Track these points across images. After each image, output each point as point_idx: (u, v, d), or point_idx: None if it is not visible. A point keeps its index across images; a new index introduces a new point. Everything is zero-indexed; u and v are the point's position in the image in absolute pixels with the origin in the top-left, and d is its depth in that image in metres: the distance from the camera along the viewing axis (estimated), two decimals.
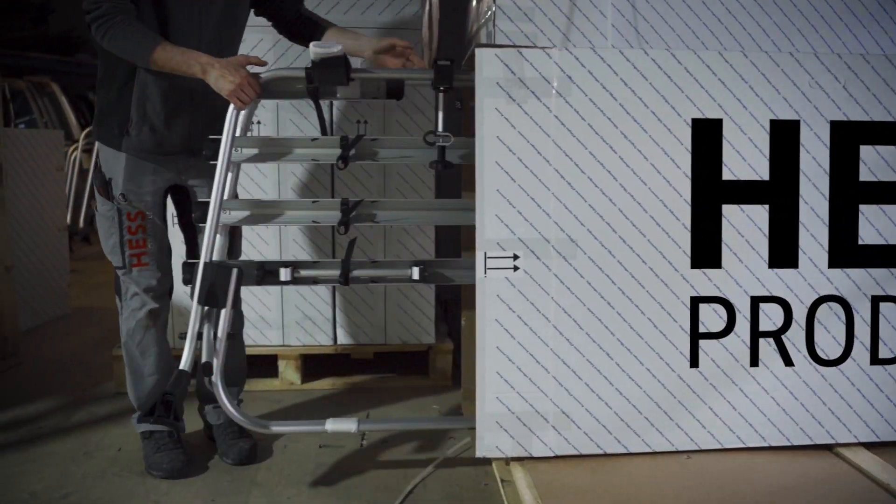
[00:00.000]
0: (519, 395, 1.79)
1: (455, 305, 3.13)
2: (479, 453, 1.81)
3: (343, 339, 2.69)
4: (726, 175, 1.77)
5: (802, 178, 1.79)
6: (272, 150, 1.92)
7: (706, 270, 1.78)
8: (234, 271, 1.79)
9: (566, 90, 1.74)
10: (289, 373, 2.66)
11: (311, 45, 1.77)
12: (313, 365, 2.73)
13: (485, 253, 1.75)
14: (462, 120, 2.19)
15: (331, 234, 2.66)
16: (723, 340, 1.80)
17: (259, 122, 2.59)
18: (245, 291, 2.61)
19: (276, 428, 1.97)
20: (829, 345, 1.83)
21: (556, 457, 1.80)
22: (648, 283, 1.78)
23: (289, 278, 1.84)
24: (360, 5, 2.60)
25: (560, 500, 1.63)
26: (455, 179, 2.87)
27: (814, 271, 1.81)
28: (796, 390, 1.83)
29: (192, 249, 2.12)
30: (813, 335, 1.81)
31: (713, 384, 1.81)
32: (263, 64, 1.86)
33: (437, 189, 2.71)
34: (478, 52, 1.71)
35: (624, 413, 1.81)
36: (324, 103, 2.63)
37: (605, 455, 1.81)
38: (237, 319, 2.18)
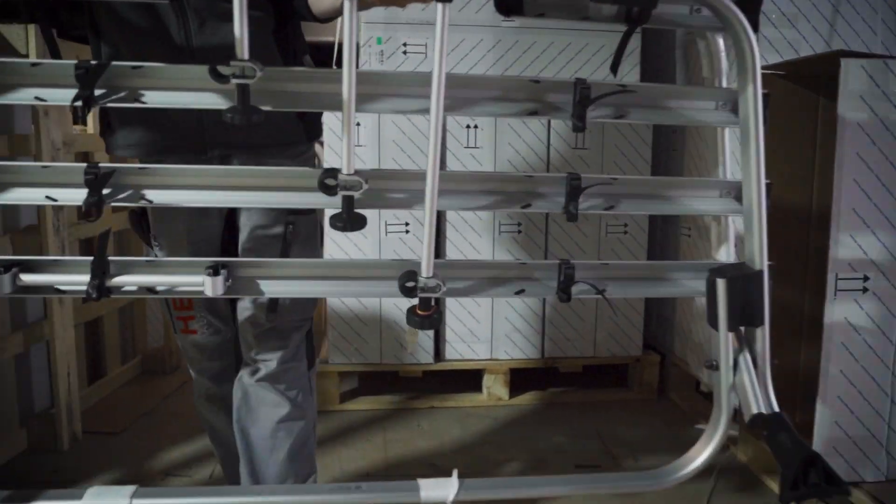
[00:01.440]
0: (857, 419, 1.74)
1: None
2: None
3: (551, 351, 2.57)
4: None
5: None
6: None
7: None
8: None
9: None
10: (497, 387, 2.51)
11: None
12: (518, 378, 2.60)
13: (836, 275, 1.69)
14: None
15: (543, 240, 2.53)
16: None
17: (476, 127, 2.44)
18: (455, 305, 2.48)
19: None
20: None
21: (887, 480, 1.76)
22: None
23: (8, 289, 0.98)
24: None
25: None
26: (672, 150, 2.68)
27: None
28: None
29: None
30: None
31: None
32: None
33: (653, 163, 2.53)
34: (843, 62, 1.63)
35: None
36: None
37: None
38: None
